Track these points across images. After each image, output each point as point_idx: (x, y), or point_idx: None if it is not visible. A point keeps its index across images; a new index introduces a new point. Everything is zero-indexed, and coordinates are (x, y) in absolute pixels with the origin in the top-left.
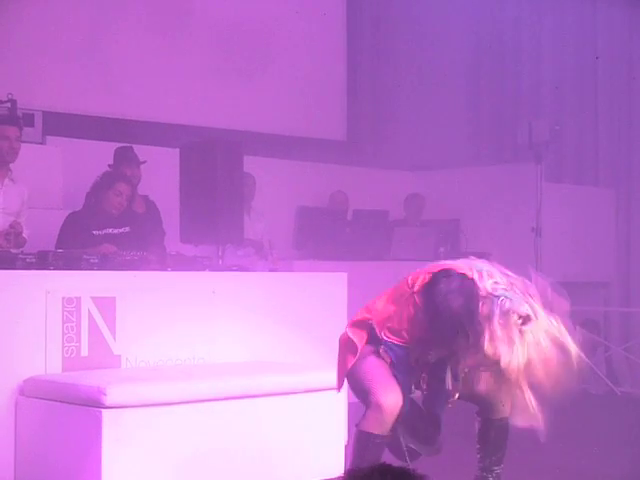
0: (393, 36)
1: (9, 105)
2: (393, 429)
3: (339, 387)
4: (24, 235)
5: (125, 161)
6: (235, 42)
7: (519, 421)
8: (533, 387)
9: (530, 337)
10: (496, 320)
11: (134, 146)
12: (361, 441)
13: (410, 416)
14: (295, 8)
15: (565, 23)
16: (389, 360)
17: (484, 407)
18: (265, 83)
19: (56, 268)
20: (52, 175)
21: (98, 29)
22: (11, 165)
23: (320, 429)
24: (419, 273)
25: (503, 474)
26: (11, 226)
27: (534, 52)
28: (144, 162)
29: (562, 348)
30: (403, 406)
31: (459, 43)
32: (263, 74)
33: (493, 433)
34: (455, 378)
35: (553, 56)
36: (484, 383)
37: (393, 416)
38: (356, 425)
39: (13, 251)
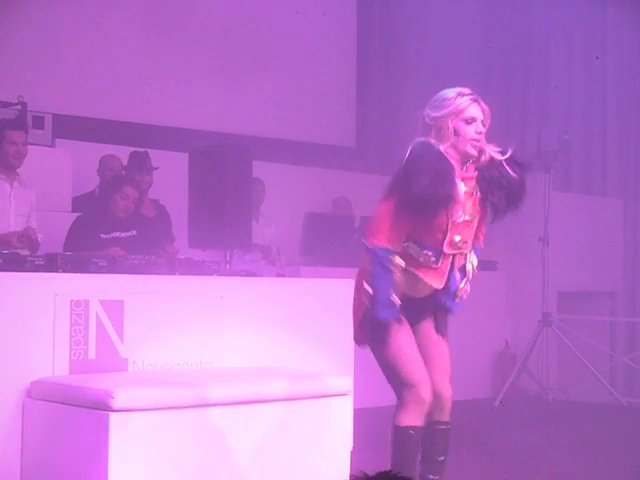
0: (403, 44)
1: (19, 107)
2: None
3: (356, 339)
4: (38, 239)
5: (137, 166)
6: (245, 47)
7: None
8: None
9: None
10: None
11: (144, 150)
12: (405, 435)
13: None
14: (306, 15)
15: (574, 34)
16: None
17: (433, 406)
18: (275, 89)
19: (65, 271)
20: (61, 178)
21: (109, 33)
22: (18, 169)
23: (326, 434)
24: None
25: None
26: (25, 231)
27: (543, 61)
28: (156, 168)
29: None
30: None
31: (468, 50)
32: (273, 80)
33: (436, 437)
34: None
35: (562, 67)
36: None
37: (429, 403)
38: (393, 422)
39: (22, 253)
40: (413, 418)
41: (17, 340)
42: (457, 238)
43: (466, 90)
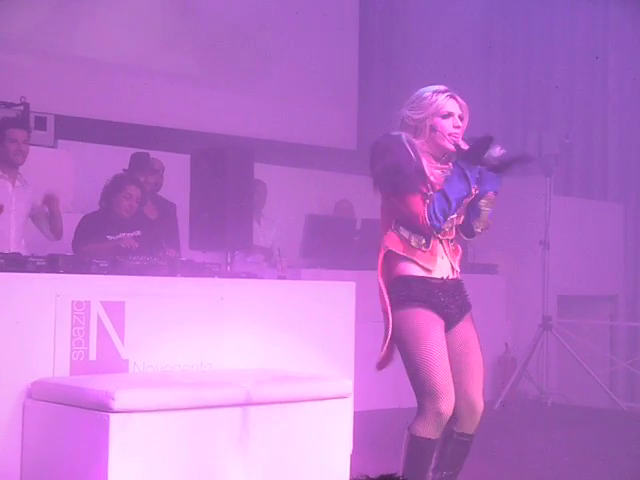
0: (404, 46)
1: (22, 108)
2: None
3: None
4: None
5: (138, 167)
6: (247, 49)
7: None
8: None
9: None
10: None
11: (145, 151)
12: (419, 446)
13: None
14: (307, 16)
15: (576, 36)
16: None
17: (463, 416)
18: (276, 91)
19: (66, 272)
20: (63, 178)
21: (112, 34)
22: (20, 169)
23: (326, 437)
24: None
25: None
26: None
27: (544, 65)
28: (161, 169)
29: None
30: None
31: (470, 54)
32: (275, 82)
33: (451, 447)
34: None
35: (564, 70)
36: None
37: (448, 418)
38: (409, 428)
39: (23, 254)
40: (430, 430)
41: (18, 341)
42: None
43: (442, 87)
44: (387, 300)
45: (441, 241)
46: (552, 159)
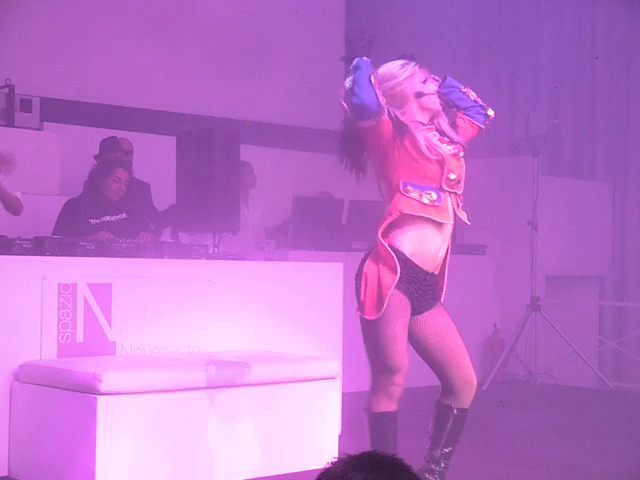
0: (391, 28)
1: (7, 91)
2: None
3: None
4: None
5: (110, 151)
6: (234, 31)
7: None
8: None
9: None
10: None
11: (131, 133)
12: (382, 422)
13: None
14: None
15: (564, 17)
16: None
17: (447, 392)
18: (263, 72)
19: (52, 254)
20: (49, 161)
21: (97, 16)
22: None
23: (314, 418)
24: None
25: (496, 467)
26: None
27: (532, 46)
28: (130, 149)
29: None
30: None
31: (457, 36)
32: (262, 63)
33: (451, 424)
34: None
35: (552, 50)
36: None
37: (402, 390)
38: (367, 409)
39: (9, 237)
40: (387, 403)
41: (5, 323)
42: (452, 176)
43: (403, 60)
44: (396, 260)
45: (450, 194)
46: (540, 139)
